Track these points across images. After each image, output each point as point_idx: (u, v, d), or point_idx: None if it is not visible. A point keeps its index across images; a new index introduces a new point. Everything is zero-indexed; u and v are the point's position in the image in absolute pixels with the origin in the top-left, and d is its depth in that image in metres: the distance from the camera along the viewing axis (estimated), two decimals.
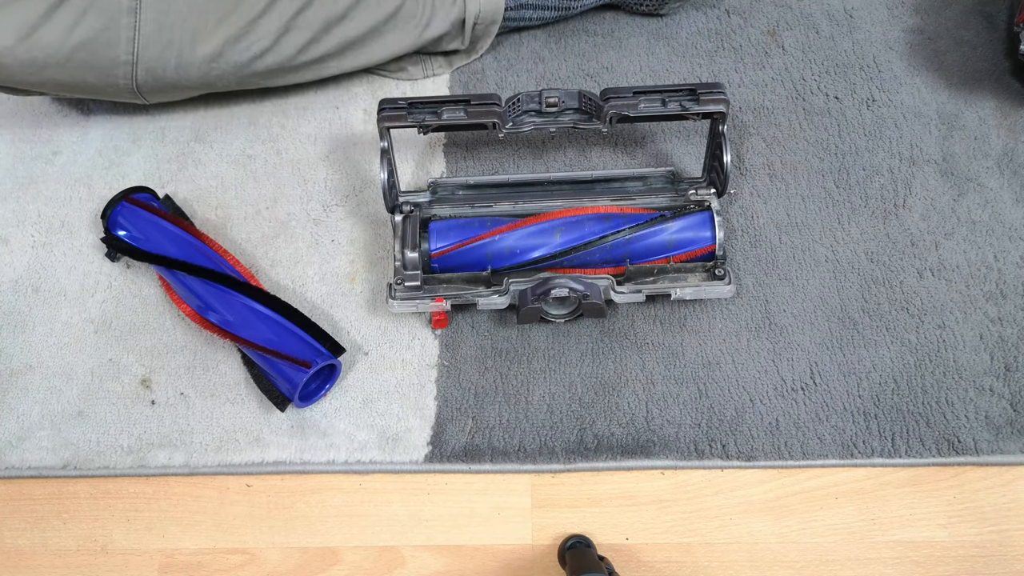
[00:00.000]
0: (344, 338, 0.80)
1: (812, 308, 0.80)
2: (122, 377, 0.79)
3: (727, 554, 0.74)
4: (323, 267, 0.83)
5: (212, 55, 0.80)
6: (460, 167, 0.88)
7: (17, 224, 0.86)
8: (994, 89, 0.90)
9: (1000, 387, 0.77)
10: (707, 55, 0.93)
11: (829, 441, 0.75)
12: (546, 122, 0.76)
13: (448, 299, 0.74)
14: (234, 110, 0.91)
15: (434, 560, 0.74)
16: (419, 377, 0.79)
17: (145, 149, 0.89)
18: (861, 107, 0.89)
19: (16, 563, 0.75)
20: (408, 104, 0.74)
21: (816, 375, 0.78)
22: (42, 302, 0.83)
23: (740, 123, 0.89)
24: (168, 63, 0.79)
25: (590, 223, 0.76)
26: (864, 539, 0.74)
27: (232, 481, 0.76)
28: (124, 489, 0.76)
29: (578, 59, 0.93)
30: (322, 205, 0.86)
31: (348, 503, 0.76)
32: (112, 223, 0.80)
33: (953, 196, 0.85)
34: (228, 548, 0.75)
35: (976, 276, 0.81)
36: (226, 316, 0.75)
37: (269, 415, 0.77)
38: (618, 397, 0.77)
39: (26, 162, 0.89)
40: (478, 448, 0.76)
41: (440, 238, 0.77)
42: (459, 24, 0.87)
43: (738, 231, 0.84)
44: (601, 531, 0.74)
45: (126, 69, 0.79)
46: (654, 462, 0.75)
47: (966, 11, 0.94)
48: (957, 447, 0.75)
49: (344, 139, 0.89)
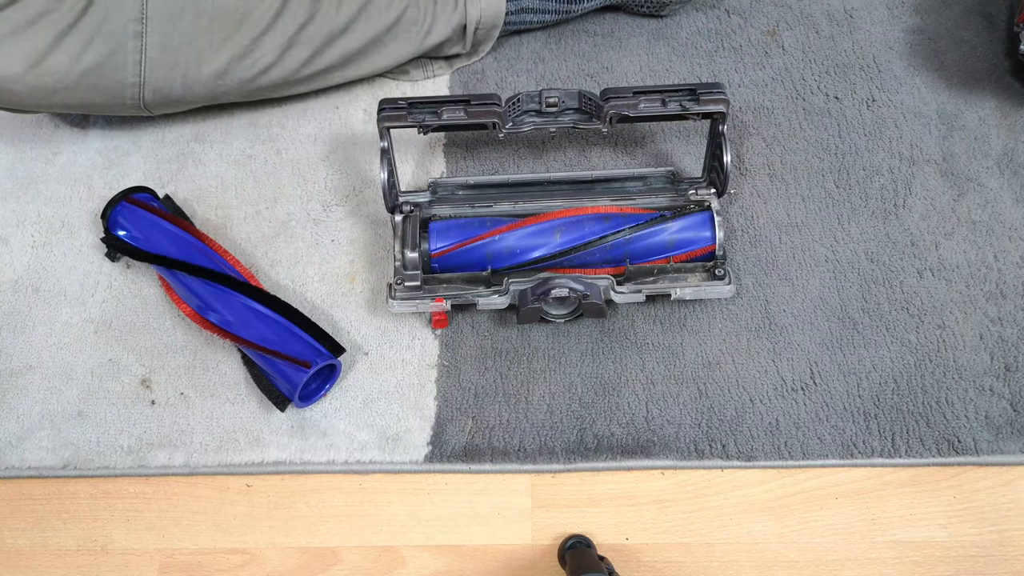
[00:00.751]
0: (344, 338, 0.80)
1: (812, 308, 0.80)
2: (122, 377, 0.79)
3: (727, 554, 0.74)
4: (323, 267, 0.83)
5: (218, 73, 0.80)
6: (460, 167, 0.88)
7: (17, 224, 0.86)
8: (994, 89, 0.90)
9: (1000, 387, 0.77)
10: (707, 55, 0.93)
11: (829, 441, 0.75)
12: (546, 122, 0.76)
13: (448, 299, 0.74)
14: (234, 111, 0.91)
15: (434, 560, 0.74)
16: (419, 377, 0.79)
17: (145, 149, 0.89)
18: (861, 107, 0.89)
19: (16, 563, 0.75)
20: (408, 104, 0.74)
21: (816, 375, 0.78)
22: (42, 302, 0.83)
23: (740, 123, 0.89)
24: (175, 82, 0.80)
25: (590, 223, 0.76)
26: (864, 539, 0.74)
27: (232, 481, 0.76)
28: (124, 489, 0.76)
29: (578, 59, 0.93)
30: (322, 205, 0.86)
31: (348, 503, 0.76)
32: (112, 223, 0.80)
33: (953, 196, 0.85)
34: (228, 548, 0.75)
35: (976, 276, 0.81)
36: (226, 316, 0.75)
37: (269, 415, 0.77)
38: (618, 397, 0.77)
39: (26, 162, 0.89)
40: (478, 448, 0.76)
41: (440, 238, 0.77)
42: (460, 30, 0.87)
43: (738, 231, 0.84)
44: (601, 531, 0.74)
45: (133, 91, 0.80)
46: (654, 462, 0.75)
47: (966, 11, 0.94)
48: (957, 447, 0.75)
49: (344, 139, 0.89)
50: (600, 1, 0.92)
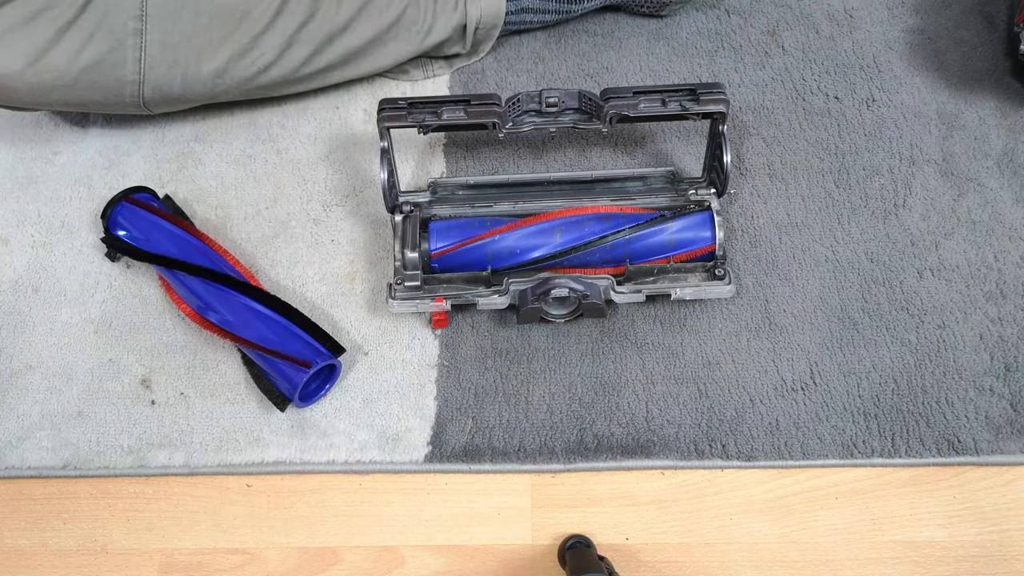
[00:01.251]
0: (344, 338, 0.80)
1: (812, 308, 0.80)
2: (122, 377, 0.79)
3: (727, 554, 0.74)
4: (323, 267, 0.83)
5: (217, 71, 0.80)
6: (460, 167, 0.88)
7: (17, 224, 0.86)
8: (994, 89, 0.90)
9: (1000, 387, 0.77)
10: (707, 55, 0.93)
11: (829, 441, 0.75)
12: (546, 122, 0.76)
13: (448, 299, 0.74)
14: (234, 111, 0.91)
15: (434, 560, 0.74)
16: (419, 377, 0.79)
17: (145, 149, 0.89)
18: (861, 107, 0.89)
19: (16, 563, 0.75)
20: (408, 104, 0.74)
21: (816, 375, 0.78)
22: (42, 302, 0.83)
23: (740, 123, 0.89)
24: (174, 80, 0.80)
25: (590, 223, 0.76)
26: (864, 539, 0.74)
27: (232, 481, 0.76)
28: (124, 489, 0.76)
29: (578, 59, 0.93)
30: (322, 205, 0.86)
31: (348, 503, 0.76)
32: (112, 223, 0.80)
33: (953, 196, 0.85)
34: (228, 548, 0.75)
35: (976, 276, 0.81)
36: (226, 316, 0.75)
37: (269, 415, 0.77)
38: (618, 397, 0.77)
39: (26, 162, 0.89)
40: (478, 448, 0.76)
41: (440, 238, 0.77)
42: (460, 29, 0.87)
43: (738, 231, 0.84)
44: (601, 531, 0.74)
45: (133, 88, 0.79)
46: (654, 462, 0.75)
47: (966, 11, 0.94)
48: (957, 447, 0.75)
49: (344, 139, 0.89)
50: (600, 1, 0.92)
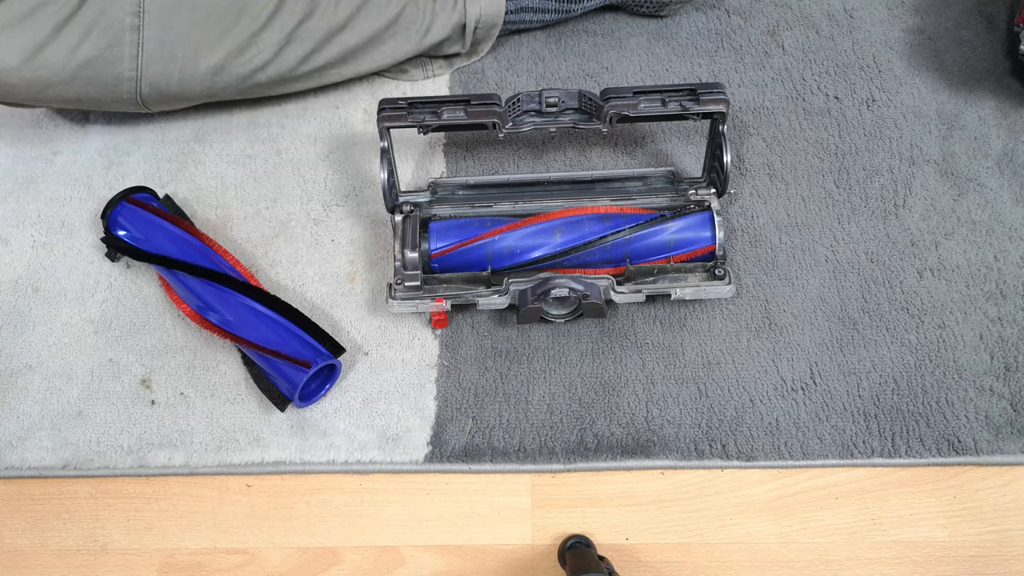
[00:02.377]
0: (344, 338, 0.80)
1: (812, 308, 0.80)
2: (122, 377, 0.79)
3: (727, 554, 0.74)
4: (323, 267, 0.83)
5: (215, 68, 0.80)
6: (460, 167, 0.88)
7: (17, 224, 0.86)
8: (994, 89, 0.90)
9: (1000, 387, 0.77)
10: (707, 55, 0.93)
11: (829, 441, 0.75)
12: (546, 122, 0.76)
13: (448, 299, 0.74)
14: (234, 110, 0.91)
15: (434, 560, 0.74)
16: (419, 377, 0.79)
17: (145, 149, 0.89)
18: (861, 107, 0.89)
19: (16, 563, 0.75)
20: (408, 104, 0.74)
21: (816, 375, 0.78)
22: (42, 302, 0.83)
23: (740, 123, 0.89)
24: (171, 77, 0.80)
25: (590, 223, 0.76)
26: (864, 539, 0.74)
27: (232, 481, 0.76)
28: (124, 489, 0.76)
29: (578, 59, 0.93)
30: (322, 205, 0.86)
31: (348, 503, 0.76)
32: (112, 223, 0.80)
33: (953, 196, 0.85)
34: (228, 548, 0.75)
35: (976, 276, 0.81)
36: (226, 316, 0.75)
37: (269, 415, 0.77)
38: (618, 397, 0.77)
39: (26, 162, 0.89)
40: (478, 448, 0.76)
41: (440, 238, 0.77)
42: (460, 29, 0.87)
43: (738, 231, 0.84)
44: (601, 531, 0.74)
45: (130, 85, 0.79)
46: (654, 462, 0.75)
47: (966, 11, 0.94)
48: (957, 447, 0.75)
49: (344, 139, 0.89)
50: (600, 1, 0.92)
